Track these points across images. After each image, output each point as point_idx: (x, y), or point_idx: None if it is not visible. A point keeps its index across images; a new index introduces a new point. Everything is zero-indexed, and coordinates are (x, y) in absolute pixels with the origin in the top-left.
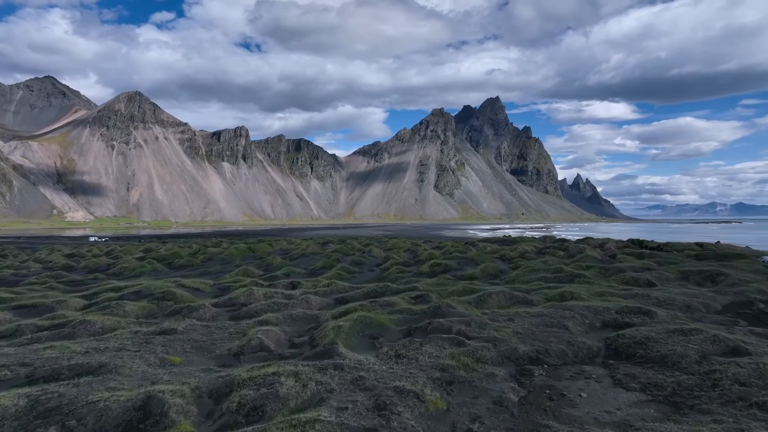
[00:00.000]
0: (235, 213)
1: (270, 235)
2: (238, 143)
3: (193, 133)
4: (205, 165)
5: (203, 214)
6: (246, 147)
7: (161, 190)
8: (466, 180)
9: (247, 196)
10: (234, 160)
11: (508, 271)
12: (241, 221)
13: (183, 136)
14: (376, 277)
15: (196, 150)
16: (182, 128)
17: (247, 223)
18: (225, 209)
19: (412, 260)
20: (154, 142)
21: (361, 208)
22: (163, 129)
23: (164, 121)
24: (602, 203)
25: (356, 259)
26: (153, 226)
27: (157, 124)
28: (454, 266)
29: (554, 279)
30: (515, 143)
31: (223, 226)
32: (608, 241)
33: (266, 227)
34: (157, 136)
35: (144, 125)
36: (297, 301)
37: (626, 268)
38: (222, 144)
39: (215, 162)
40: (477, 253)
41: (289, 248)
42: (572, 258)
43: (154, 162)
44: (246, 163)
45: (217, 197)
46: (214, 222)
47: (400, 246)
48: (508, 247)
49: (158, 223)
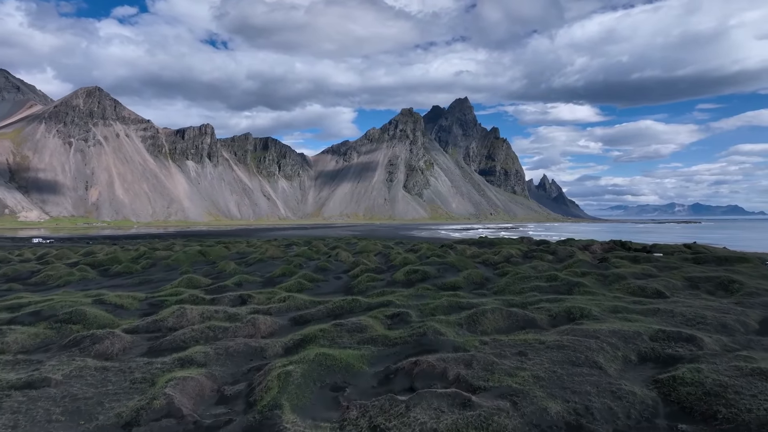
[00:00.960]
0: (199, 213)
1: (234, 236)
2: (203, 141)
3: (156, 131)
4: (168, 163)
5: (166, 214)
6: (211, 145)
7: (122, 189)
8: (435, 180)
9: (212, 196)
10: (199, 158)
11: (495, 279)
12: (206, 221)
13: (145, 134)
14: (344, 287)
15: (159, 148)
16: (145, 125)
17: (213, 224)
18: (189, 209)
19: (384, 266)
20: (114, 140)
21: (330, 208)
22: (125, 126)
23: (126, 118)
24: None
25: (321, 265)
26: (113, 226)
27: (118, 120)
28: (433, 273)
29: (550, 289)
30: (483, 144)
31: (186, 226)
32: (593, 242)
33: (232, 227)
34: (118, 134)
35: (104, 122)
36: (241, 325)
37: (626, 274)
38: (186, 142)
39: (179, 160)
40: (457, 258)
41: (248, 252)
42: (562, 262)
43: (114, 160)
44: (211, 162)
45: (181, 197)
46: (178, 222)
47: (371, 249)
48: (490, 251)
49: (119, 223)
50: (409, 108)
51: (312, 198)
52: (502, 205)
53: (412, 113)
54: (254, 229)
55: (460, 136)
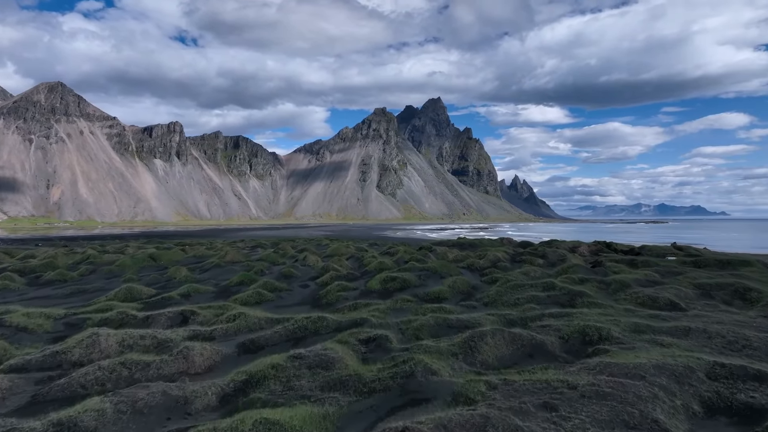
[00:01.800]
0: (168, 213)
1: (201, 237)
2: (171, 139)
3: (123, 128)
4: (135, 162)
5: (133, 213)
6: (180, 143)
7: (86, 188)
8: (408, 180)
9: (181, 195)
10: (167, 157)
11: (484, 288)
12: (174, 221)
13: (111, 131)
14: (311, 297)
15: (126, 146)
16: (110, 122)
17: (181, 224)
18: (157, 209)
19: (357, 271)
20: (78, 137)
21: (302, 207)
22: (89, 123)
23: (90, 115)
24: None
25: (286, 271)
26: (76, 226)
27: (82, 117)
28: (413, 281)
29: (549, 300)
30: (456, 144)
31: (154, 226)
32: (579, 244)
33: (200, 228)
34: (81, 131)
35: (67, 118)
36: (169, 358)
37: (629, 281)
38: (154, 140)
39: (146, 159)
40: (439, 263)
41: (206, 255)
42: (554, 267)
43: (78, 158)
44: (180, 161)
45: (149, 196)
46: (145, 222)
47: (343, 252)
48: (473, 254)
49: (82, 223)
50: (382, 108)
51: (284, 198)
52: (474, 205)
53: (386, 113)
54: (223, 230)
55: (433, 136)
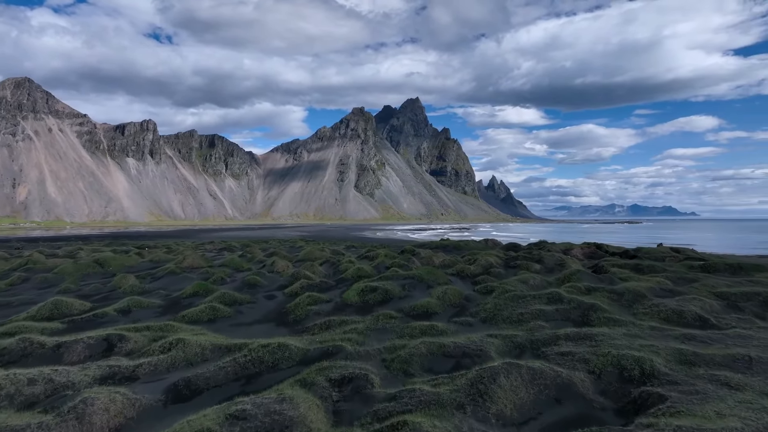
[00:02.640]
0: (140, 213)
1: (173, 237)
2: (144, 138)
3: (94, 126)
4: (107, 161)
5: (104, 213)
6: (154, 142)
7: (54, 188)
8: (386, 180)
9: (154, 195)
10: (140, 155)
11: (478, 299)
12: (147, 222)
13: (81, 129)
14: (276, 312)
15: (97, 144)
16: (81, 120)
17: (154, 224)
18: (129, 209)
19: (332, 279)
20: (46, 135)
21: (279, 207)
22: (58, 120)
23: (60, 112)
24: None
25: (250, 279)
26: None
27: (50, 114)
28: (396, 292)
29: (558, 315)
30: (434, 144)
31: (125, 227)
32: (572, 246)
33: (174, 228)
34: (50, 128)
35: (35, 115)
36: (54, 420)
37: (643, 291)
38: (126, 138)
39: (119, 157)
40: (425, 270)
41: (164, 260)
42: (553, 273)
43: (46, 156)
44: (153, 160)
45: (120, 195)
46: (116, 222)
47: (317, 256)
48: (462, 258)
49: (50, 223)
50: (360, 107)
51: (261, 197)
52: (453, 206)
53: (364, 112)
54: (197, 230)
55: (411, 136)
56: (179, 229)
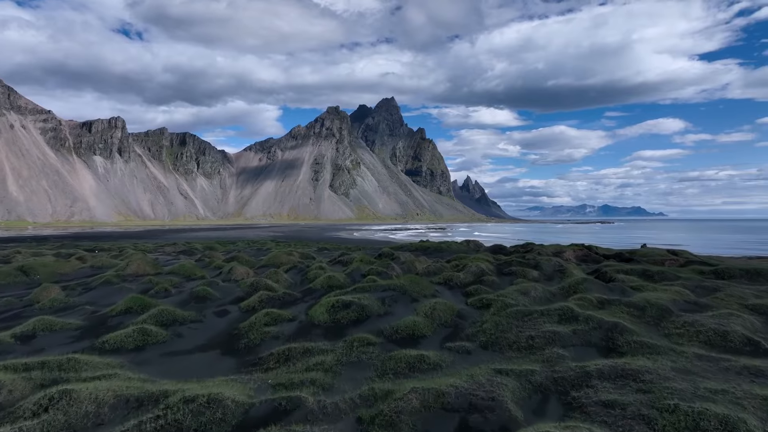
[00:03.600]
0: (108, 212)
1: (138, 238)
2: (112, 135)
3: (59, 123)
4: (72, 159)
5: (69, 213)
6: (122, 140)
7: (16, 186)
8: (361, 180)
9: (122, 194)
10: (108, 153)
11: (474, 315)
12: (115, 221)
13: (45, 126)
14: (225, 336)
15: (62, 141)
16: (45, 116)
17: (122, 224)
18: (96, 208)
19: (297, 289)
20: (7, 131)
21: (253, 207)
22: (21, 116)
23: (22, 108)
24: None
25: (200, 290)
26: (4, 226)
27: (12, 110)
28: (374, 308)
29: (576, 338)
30: (410, 144)
31: (91, 227)
32: (563, 249)
33: (142, 228)
34: (12, 124)
35: None
36: None
37: (666, 304)
38: (94, 136)
39: (85, 155)
40: (407, 278)
41: (107, 265)
42: (552, 281)
43: (7, 153)
44: (122, 158)
45: (87, 195)
46: (82, 222)
47: (283, 260)
48: (448, 264)
49: (11, 223)
50: (335, 106)
51: (233, 197)
52: (428, 206)
53: (339, 111)
54: (166, 231)
55: (386, 136)
56: (147, 230)
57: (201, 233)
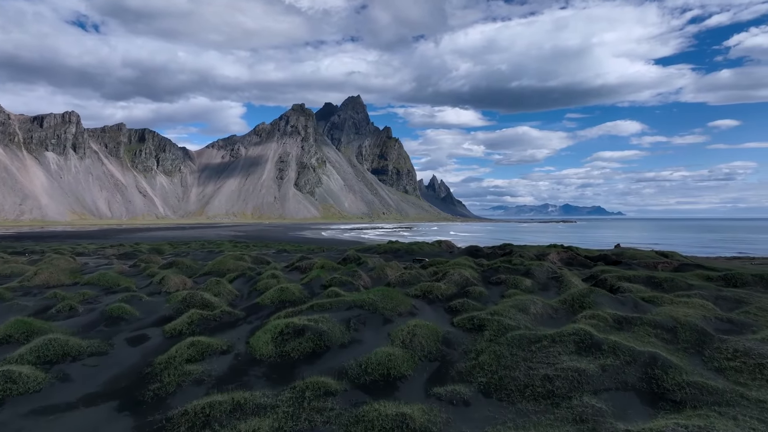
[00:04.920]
0: (61, 211)
1: (87, 239)
2: (66, 130)
3: (7, 116)
4: (22, 154)
5: (18, 212)
6: (77, 135)
7: None
8: (327, 178)
9: (77, 192)
10: (61, 149)
11: (466, 343)
12: (68, 220)
13: None
14: (133, 376)
15: (11, 136)
16: None
17: (76, 223)
18: (48, 206)
19: (242, 305)
20: None
21: (215, 206)
22: None
23: None
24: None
25: (114, 309)
26: None
27: None
28: (336, 335)
29: (609, 378)
30: (376, 143)
31: (42, 226)
32: (546, 251)
33: (98, 228)
34: None
35: None
36: None
37: (698, 323)
38: (46, 131)
39: (36, 151)
40: (379, 292)
41: (17, 273)
42: (548, 291)
43: None
44: (77, 154)
45: (38, 192)
46: (33, 222)
47: (230, 266)
48: (425, 271)
49: None
50: (300, 104)
51: (195, 195)
52: (394, 205)
53: (304, 109)
54: (121, 230)
55: (352, 135)
56: (101, 229)
57: (158, 233)
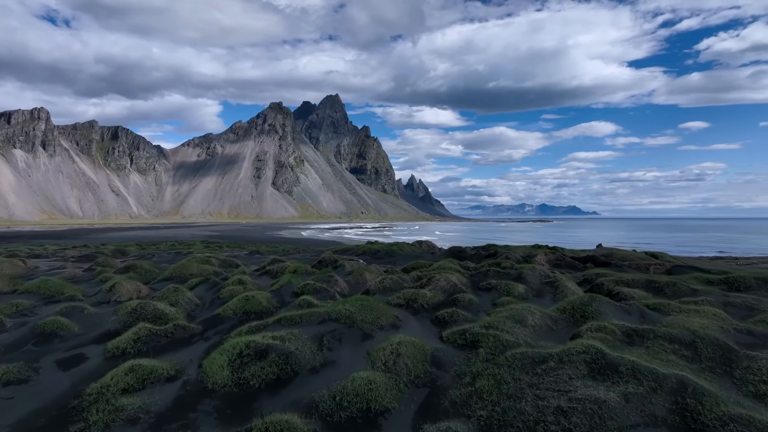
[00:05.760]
0: (29, 210)
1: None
2: (35, 127)
3: None
4: None
5: None
6: (47, 132)
7: None
8: (305, 177)
9: (47, 191)
10: (30, 147)
11: (458, 363)
12: (37, 220)
13: None
14: (53, 413)
15: None
16: None
17: (46, 222)
18: (16, 205)
19: (201, 317)
20: None
21: (191, 205)
22: None
23: None
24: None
25: (49, 323)
26: None
27: None
28: (304, 356)
29: (634, 411)
30: (355, 142)
31: (8, 226)
32: (532, 252)
33: (68, 227)
34: None
35: None
36: None
37: (718, 336)
38: (13, 127)
39: (3, 149)
40: (357, 302)
41: None
42: (543, 297)
43: None
44: (46, 152)
45: (5, 191)
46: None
47: (194, 271)
48: (408, 276)
49: None
50: (278, 102)
51: (170, 194)
52: (373, 204)
53: (282, 107)
54: (92, 230)
55: (331, 133)
56: (71, 229)
57: (130, 233)
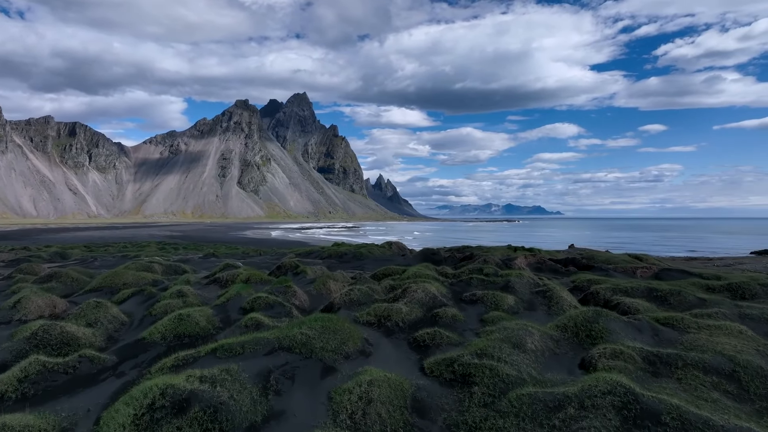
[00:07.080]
0: None
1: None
2: None
3: None
4: None
5: None
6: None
7: None
8: (272, 176)
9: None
10: None
11: (447, 411)
12: None
13: None
14: None
15: None
16: None
17: None
18: None
19: (123, 341)
20: None
21: (153, 204)
22: None
23: None
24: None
25: None
26: None
27: None
28: (241, 407)
29: None
30: (322, 141)
31: None
32: (511, 255)
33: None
34: None
35: None
36: None
37: (756, 362)
38: None
39: None
40: (318, 323)
41: None
42: (535, 311)
43: None
44: None
45: None
46: None
47: (128, 279)
48: (379, 285)
49: None
50: (244, 99)
51: (131, 193)
52: (341, 204)
53: (248, 105)
54: (44, 230)
55: (298, 132)
56: (23, 229)
57: (86, 233)
